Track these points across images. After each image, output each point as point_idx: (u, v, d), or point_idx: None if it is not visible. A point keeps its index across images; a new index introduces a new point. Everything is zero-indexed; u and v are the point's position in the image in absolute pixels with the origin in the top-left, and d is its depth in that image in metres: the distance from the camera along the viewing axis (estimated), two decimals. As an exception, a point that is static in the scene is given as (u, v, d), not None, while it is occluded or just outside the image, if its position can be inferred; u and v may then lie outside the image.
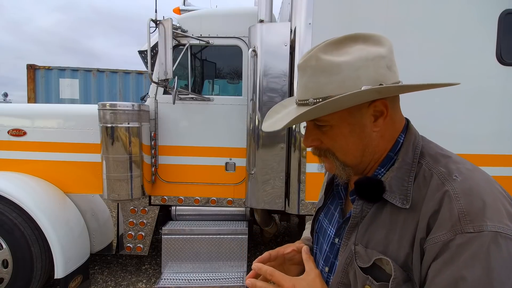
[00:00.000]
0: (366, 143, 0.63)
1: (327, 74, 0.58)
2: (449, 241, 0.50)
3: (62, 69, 7.55)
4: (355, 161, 0.65)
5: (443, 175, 0.57)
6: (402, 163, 0.62)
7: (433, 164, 0.60)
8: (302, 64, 0.62)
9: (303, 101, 0.62)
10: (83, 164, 2.66)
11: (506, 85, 2.11)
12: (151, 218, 2.78)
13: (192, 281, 2.53)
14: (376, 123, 0.63)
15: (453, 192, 0.53)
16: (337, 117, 0.61)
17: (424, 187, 0.58)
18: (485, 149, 2.15)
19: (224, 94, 3.41)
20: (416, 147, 0.64)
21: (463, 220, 0.50)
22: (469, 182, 0.55)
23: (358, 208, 0.65)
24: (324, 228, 0.79)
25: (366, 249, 0.61)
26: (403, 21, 2.07)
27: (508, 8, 2.07)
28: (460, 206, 0.52)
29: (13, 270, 2.28)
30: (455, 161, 0.60)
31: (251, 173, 2.42)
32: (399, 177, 0.61)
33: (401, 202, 0.58)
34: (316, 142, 0.66)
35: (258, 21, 2.34)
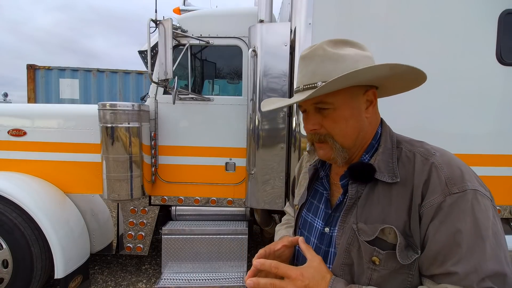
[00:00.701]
0: (361, 126, 0.74)
1: (334, 62, 0.68)
2: (441, 203, 0.62)
3: (62, 69, 7.55)
4: (351, 143, 0.74)
5: (424, 153, 0.70)
6: (385, 148, 0.73)
7: (411, 147, 0.73)
8: (309, 54, 0.71)
9: (311, 85, 0.69)
10: (83, 164, 2.66)
11: (506, 85, 2.11)
12: (151, 218, 2.78)
13: (192, 281, 2.53)
14: (367, 110, 0.74)
15: (438, 163, 0.66)
16: (341, 99, 0.70)
17: (409, 164, 0.69)
18: (485, 149, 2.15)
19: (224, 94, 3.40)
20: (392, 136, 0.76)
21: (449, 184, 0.63)
22: (446, 155, 0.69)
23: (353, 190, 0.72)
24: (309, 222, 0.84)
25: (367, 225, 0.68)
26: (403, 21, 2.07)
27: (508, 8, 2.07)
28: (445, 173, 0.64)
29: (13, 270, 2.27)
30: (427, 143, 0.74)
31: (251, 173, 2.42)
32: (384, 159, 0.71)
33: (391, 178, 0.68)
34: (317, 126, 0.73)
35: (258, 21, 2.34)
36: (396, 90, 0.79)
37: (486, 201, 0.62)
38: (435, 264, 0.61)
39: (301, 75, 0.73)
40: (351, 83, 0.67)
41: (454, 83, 2.08)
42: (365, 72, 0.62)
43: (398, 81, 0.72)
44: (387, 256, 0.64)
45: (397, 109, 2.07)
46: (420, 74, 0.66)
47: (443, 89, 2.08)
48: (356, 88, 0.71)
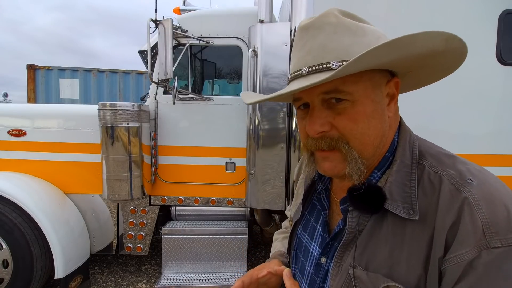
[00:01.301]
0: (383, 129, 0.53)
1: (352, 34, 0.49)
2: (473, 260, 0.42)
3: (62, 69, 7.55)
4: (371, 152, 0.53)
5: (455, 179, 0.48)
6: (401, 165, 0.53)
7: (438, 166, 0.51)
8: (316, 22, 0.51)
9: (321, 66, 0.49)
10: (83, 164, 2.66)
11: (506, 85, 2.11)
12: (151, 218, 2.78)
13: (192, 281, 2.53)
14: (389, 106, 0.55)
15: (473, 198, 0.45)
16: (362, 89, 0.51)
17: (432, 194, 0.49)
18: (485, 149, 2.15)
19: (224, 94, 3.40)
20: (413, 146, 0.55)
21: (488, 233, 0.42)
22: (487, 186, 0.47)
23: (354, 221, 0.54)
24: (305, 244, 0.67)
25: (367, 272, 0.51)
26: (403, 21, 2.07)
27: (508, 8, 2.07)
28: (483, 215, 0.44)
29: (13, 270, 2.27)
30: (461, 161, 0.52)
31: (251, 173, 2.42)
32: (399, 181, 0.52)
33: (407, 212, 0.49)
34: (327, 127, 0.52)
35: (258, 21, 2.34)
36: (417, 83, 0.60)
37: None
38: None
39: (303, 51, 0.52)
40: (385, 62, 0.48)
41: (454, 83, 2.08)
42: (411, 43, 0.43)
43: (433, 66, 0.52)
44: None
45: (397, 109, 2.07)
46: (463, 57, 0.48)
47: (443, 89, 2.08)
48: (379, 75, 0.53)
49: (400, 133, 0.58)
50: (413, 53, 0.46)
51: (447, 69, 0.53)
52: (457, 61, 0.50)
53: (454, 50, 0.46)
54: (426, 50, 0.45)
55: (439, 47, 0.44)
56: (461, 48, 0.45)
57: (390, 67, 0.53)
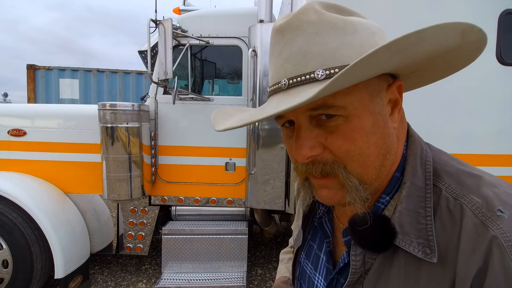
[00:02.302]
0: (388, 145, 0.43)
1: (339, 34, 0.39)
2: None
3: (62, 69, 7.55)
4: (374, 175, 0.43)
5: (480, 209, 0.38)
6: (412, 188, 0.42)
7: (458, 190, 0.41)
8: (293, 21, 0.40)
9: (303, 76, 0.39)
10: (83, 164, 2.66)
11: (506, 85, 2.11)
12: (151, 218, 2.78)
13: (192, 281, 2.53)
14: (392, 115, 0.44)
15: (504, 239, 0.35)
16: (357, 100, 0.40)
17: (452, 228, 0.39)
18: (485, 149, 2.15)
19: (224, 94, 3.40)
20: (426, 162, 0.44)
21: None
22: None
23: (359, 260, 0.45)
24: (308, 275, 0.58)
25: None
26: (403, 21, 2.07)
27: (508, 8, 2.06)
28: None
29: (13, 270, 2.27)
30: (488, 182, 0.41)
31: (251, 173, 2.42)
32: (411, 209, 0.42)
33: (422, 251, 0.39)
34: (319, 149, 0.42)
35: (258, 21, 2.34)
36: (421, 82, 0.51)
37: None
38: None
39: (281, 60, 0.41)
40: (384, 68, 0.38)
41: (454, 83, 2.08)
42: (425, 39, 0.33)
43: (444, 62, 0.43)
44: None
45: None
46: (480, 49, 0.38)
47: (443, 89, 2.08)
48: (377, 81, 0.42)
49: (409, 146, 0.46)
50: (420, 55, 0.36)
51: (459, 65, 0.44)
52: (472, 56, 0.40)
53: (471, 43, 0.36)
54: (437, 48, 0.35)
55: (453, 43, 0.35)
56: (480, 40, 0.36)
57: (391, 71, 0.43)
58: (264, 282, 2.95)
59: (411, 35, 0.31)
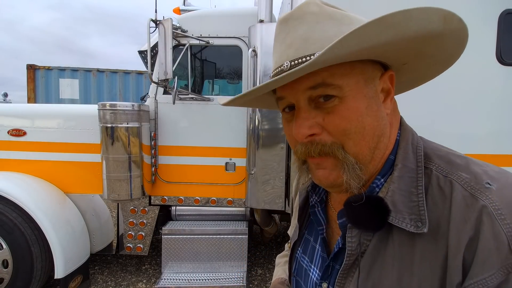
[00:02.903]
0: (382, 128, 0.46)
1: (337, 23, 0.43)
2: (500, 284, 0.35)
3: (62, 69, 7.55)
4: (369, 155, 0.45)
5: (470, 184, 0.40)
6: (403, 170, 0.45)
7: (448, 168, 0.44)
8: (296, 12, 0.45)
9: (304, 58, 0.42)
10: (83, 164, 2.66)
11: (506, 85, 2.11)
12: (151, 218, 2.78)
13: (192, 281, 2.53)
14: (385, 103, 0.47)
15: (493, 207, 0.37)
16: (353, 82, 0.44)
17: (443, 203, 0.41)
18: (485, 149, 2.15)
19: (224, 94, 3.40)
20: (417, 147, 0.48)
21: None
22: (510, 189, 0.39)
23: (354, 242, 0.45)
24: (305, 269, 0.58)
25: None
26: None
27: (508, 8, 2.07)
28: (508, 228, 0.36)
29: (13, 270, 2.27)
30: (475, 162, 0.44)
31: (251, 173, 2.42)
32: (404, 189, 0.44)
33: (414, 225, 0.41)
34: (317, 129, 0.44)
35: (258, 21, 2.34)
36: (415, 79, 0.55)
37: None
38: None
39: (284, 45, 0.45)
40: (373, 44, 0.39)
41: (454, 83, 2.08)
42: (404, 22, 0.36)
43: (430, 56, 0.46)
44: None
45: (397, 109, 2.07)
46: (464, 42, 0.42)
47: (442, 89, 2.08)
48: (371, 68, 0.46)
49: (401, 133, 0.50)
50: (407, 35, 0.38)
51: (446, 59, 0.46)
52: (457, 49, 0.43)
53: (452, 32, 0.39)
54: (421, 31, 0.38)
55: (437, 28, 0.37)
56: (461, 30, 0.39)
57: (382, 58, 0.46)
58: (264, 282, 2.95)
59: (399, 12, 0.35)
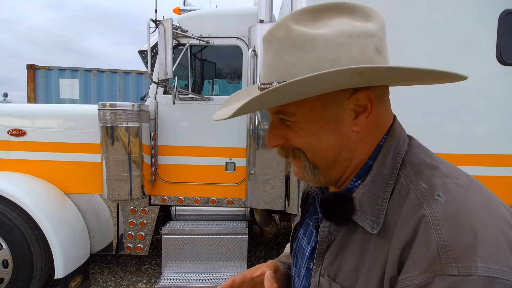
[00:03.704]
0: (342, 145, 0.49)
1: (297, 51, 0.44)
2: (424, 286, 0.37)
3: (62, 69, 7.55)
4: (326, 165, 0.51)
5: (422, 193, 0.43)
6: (377, 175, 0.48)
7: (413, 177, 0.46)
8: (267, 36, 0.48)
9: (265, 85, 0.47)
10: (83, 164, 2.66)
11: (506, 85, 2.11)
12: (151, 218, 2.78)
13: (192, 281, 2.53)
14: (357, 120, 0.48)
15: (432, 217, 0.40)
16: (307, 109, 0.47)
17: (398, 208, 0.44)
18: (485, 149, 2.15)
19: (224, 94, 3.40)
20: (398, 154, 0.49)
21: (444, 258, 0.37)
22: (456, 204, 0.41)
23: (325, 232, 0.53)
24: (303, 248, 0.65)
25: (331, 282, 0.50)
26: (403, 21, 2.07)
27: (508, 8, 2.07)
28: (440, 237, 0.38)
29: (13, 270, 2.27)
30: (443, 173, 0.45)
31: (251, 173, 2.42)
32: (373, 192, 0.48)
33: (371, 226, 0.45)
34: (281, 141, 0.52)
35: (258, 21, 2.34)
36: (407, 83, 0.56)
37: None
38: None
39: (262, 66, 0.52)
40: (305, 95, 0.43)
41: (453, 83, 2.08)
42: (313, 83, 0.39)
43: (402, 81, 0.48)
44: None
45: (396, 110, 2.07)
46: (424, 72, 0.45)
47: (443, 89, 2.08)
48: (334, 93, 0.46)
49: (387, 139, 0.51)
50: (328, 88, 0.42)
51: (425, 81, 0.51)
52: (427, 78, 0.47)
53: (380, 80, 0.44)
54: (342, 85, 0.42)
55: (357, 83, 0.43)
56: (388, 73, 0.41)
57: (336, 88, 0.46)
58: (264, 282, 2.95)
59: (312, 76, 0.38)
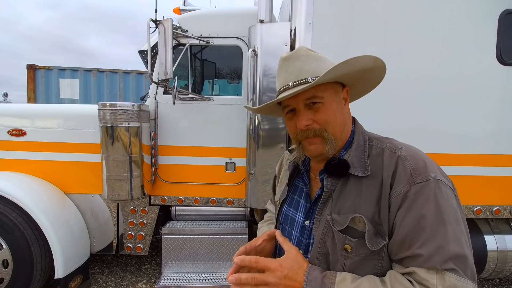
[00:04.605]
0: (344, 120, 0.82)
1: (317, 61, 0.78)
2: (407, 192, 0.68)
3: (62, 69, 7.54)
4: (339, 135, 0.81)
5: (392, 148, 0.77)
6: (358, 145, 0.81)
7: (380, 143, 0.80)
8: (293, 54, 0.80)
9: (301, 80, 0.76)
10: (83, 164, 2.66)
11: (506, 85, 2.11)
12: (151, 218, 2.78)
13: (192, 281, 2.53)
14: (345, 106, 0.84)
15: (403, 156, 0.74)
16: (329, 94, 0.79)
17: (378, 159, 0.76)
18: (485, 149, 2.15)
19: (224, 94, 3.40)
20: (364, 134, 0.85)
21: (414, 175, 0.69)
22: (411, 149, 0.76)
23: (329, 184, 0.78)
24: (291, 217, 0.89)
25: (339, 215, 0.74)
26: (403, 21, 2.07)
27: (508, 8, 2.07)
28: (410, 165, 0.71)
29: (13, 270, 2.28)
30: (394, 140, 0.82)
31: (251, 173, 2.41)
32: (357, 155, 0.79)
33: (363, 172, 0.75)
34: (310, 121, 0.78)
35: (258, 21, 2.34)
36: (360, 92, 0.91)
37: (448, 190, 0.69)
38: (402, 249, 0.67)
39: (287, 73, 0.79)
40: (340, 74, 0.75)
41: (454, 83, 2.08)
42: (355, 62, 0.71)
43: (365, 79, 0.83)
44: (358, 244, 0.70)
45: (396, 110, 2.07)
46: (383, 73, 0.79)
47: (443, 89, 2.08)
48: (337, 85, 0.81)
49: (356, 126, 0.87)
50: (355, 68, 0.75)
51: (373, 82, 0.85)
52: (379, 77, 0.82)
53: (379, 67, 0.76)
54: (363, 66, 0.75)
55: (370, 64, 0.75)
56: (383, 66, 0.76)
57: (342, 81, 0.82)
58: (264, 282, 2.95)
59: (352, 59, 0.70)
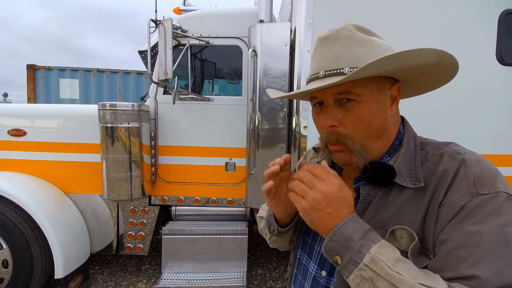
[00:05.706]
0: (386, 126, 0.64)
1: (362, 46, 0.59)
2: (465, 203, 0.53)
3: (62, 69, 7.54)
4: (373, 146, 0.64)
5: (452, 153, 0.61)
6: (407, 150, 0.65)
7: (438, 149, 0.63)
8: (334, 34, 0.61)
9: (335, 71, 0.59)
10: (83, 164, 2.66)
11: (506, 85, 2.11)
12: (151, 218, 2.78)
13: (192, 281, 2.53)
14: (391, 107, 0.65)
15: (468, 160, 0.58)
16: (369, 92, 0.60)
17: (433, 167, 0.60)
18: (485, 149, 2.15)
19: (224, 94, 3.40)
20: (415, 137, 0.68)
21: (478, 184, 0.54)
22: (476, 155, 0.60)
23: (366, 192, 0.64)
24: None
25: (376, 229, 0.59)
26: (403, 21, 2.07)
27: (508, 8, 2.07)
28: (475, 171, 0.56)
29: (13, 270, 2.27)
30: (456, 144, 0.65)
31: (251, 173, 2.41)
32: (406, 162, 0.63)
33: (413, 183, 0.60)
34: (337, 122, 0.62)
35: (258, 21, 2.34)
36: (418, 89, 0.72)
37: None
38: (445, 269, 0.52)
39: (321, 58, 0.62)
40: (386, 70, 0.58)
41: (454, 83, 2.07)
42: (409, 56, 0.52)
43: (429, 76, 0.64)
44: None
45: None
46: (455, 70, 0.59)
47: (443, 89, 2.07)
48: (384, 81, 0.62)
49: (405, 127, 0.70)
50: (409, 65, 0.56)
51: (443, 79, 0.66)
52: (450, 73, 0.62)
53: (446, 63, 0.56)
54: (420, 63, 0.56)
55: (432, 61, 0.55)
56: (453, 62, 0.56)
57: (393, 75, 0.63)
58: (264, 282, 2.95)
59: (404, 52, 0.51)
